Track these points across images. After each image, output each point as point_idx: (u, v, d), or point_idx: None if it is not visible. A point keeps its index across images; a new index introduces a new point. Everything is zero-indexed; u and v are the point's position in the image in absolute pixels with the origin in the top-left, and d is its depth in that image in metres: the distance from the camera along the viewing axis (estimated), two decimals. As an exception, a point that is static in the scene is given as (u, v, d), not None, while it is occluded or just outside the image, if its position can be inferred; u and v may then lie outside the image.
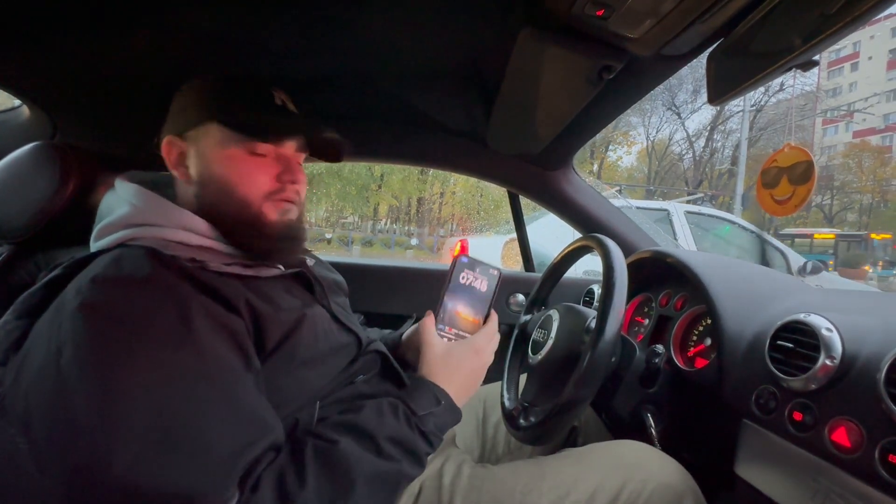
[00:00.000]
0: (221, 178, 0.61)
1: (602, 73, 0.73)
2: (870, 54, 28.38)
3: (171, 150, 0.64)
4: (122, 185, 0.63)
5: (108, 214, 0.60)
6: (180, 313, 0.49)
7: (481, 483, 0.66)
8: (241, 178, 0.61)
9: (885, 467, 0.50)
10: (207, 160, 0.62)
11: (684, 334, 0.92)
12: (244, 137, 0.61)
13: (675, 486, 0.63)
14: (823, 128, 28.45)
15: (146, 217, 0.58)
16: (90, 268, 0.52)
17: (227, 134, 0.61)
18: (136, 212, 0.59)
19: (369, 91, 1.07)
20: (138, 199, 0.60)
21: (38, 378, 0.45)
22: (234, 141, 0.61)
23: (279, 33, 0.82)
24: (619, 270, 0.69)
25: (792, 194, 0.74)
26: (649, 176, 22.73)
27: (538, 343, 0.81)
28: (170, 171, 0.65)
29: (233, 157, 0.61)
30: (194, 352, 0.48)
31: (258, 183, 0.62)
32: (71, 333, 0.46)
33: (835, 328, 0.61)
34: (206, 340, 0.49)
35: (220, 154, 0.61)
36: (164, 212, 0.59)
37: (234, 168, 0.61)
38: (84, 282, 0.50)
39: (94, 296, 0.48)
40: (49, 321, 0.49)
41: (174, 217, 0.59)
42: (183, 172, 0.63)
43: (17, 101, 1.03)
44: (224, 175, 0.61)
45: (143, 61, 0.89)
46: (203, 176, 0.62)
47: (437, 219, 19.99)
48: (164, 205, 0.60)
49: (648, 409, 0.78)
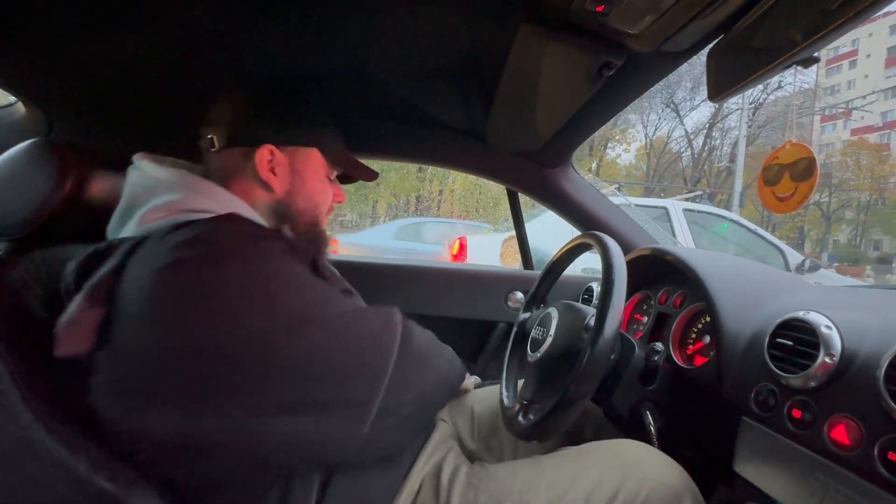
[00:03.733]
0: (310, 195, 0.73)
1: (602, 69, 0.72)
2: (868, 52, 28.38)
3: (267, 158, 0.69)
4: (152, 166, 0.63)
5: (148, 197, 0.60)
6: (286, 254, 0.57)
7: (479, 482, 0.66)
8: (324, 199, 0.76)
9: (884, 465, 0.50)
10: (303, 179, 0.72)
11: (683, 332, 0.92)
12: (335, 168, 0.77)
13: (674, 485, 0.64)
14: (821, 125, 28.48)
15: (201, 203, 0.60)
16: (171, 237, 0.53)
17: (323, 162, 0.74)
18: (190, 197, 0.60)
19: (367, 88, 1.06)
20: (189, 184, 0.62)
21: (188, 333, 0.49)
22: (326, 168, 0.75)
23: (277, 30, 0.82)
24: (618, 268, 0.69)
25: (794, 191, 0.74)
26: (648, 174, 22.74)
27: (537, 341, 0.81)
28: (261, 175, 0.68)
29: (322, 180, 0.75)
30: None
31: (328, 202, 0.77)
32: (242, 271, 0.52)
33: (834, 325, 0.61)
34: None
35: (316, 176, 0.74)
36: (220, 198, 0.62)
37: (322, 190, 0.75)
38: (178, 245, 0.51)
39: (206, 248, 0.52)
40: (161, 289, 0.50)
41: (227, 203, 0.62)
42: (272, 179, 0.69)
43: (13, 98, 1.02)
44: (313, 194, 0.73)
45: (140, 58, 0.88)
46: (293, 189, 0.71)
47: (436, 217, 19.97)
48: (216, 191, 0.63)
49: (647, 407, 0.78)
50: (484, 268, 1.51)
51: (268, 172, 0.68)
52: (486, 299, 1.40)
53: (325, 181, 0.75)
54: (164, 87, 0.99)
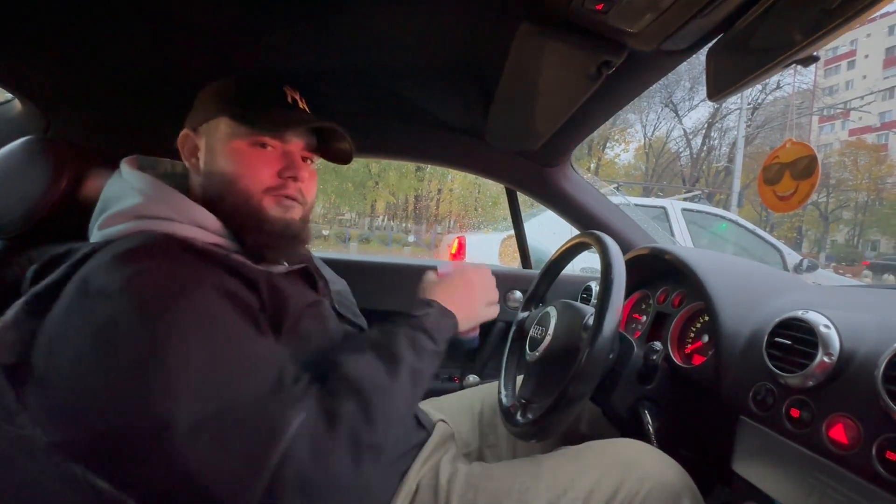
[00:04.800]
0: (225, 169, 0.62)
1: (601, 68, 0.72)
2: (867, 52, 28.46)
3: (186, 143, 0.66)
4: (130, 172, 0.62)
5: (114, 202, 0.59)
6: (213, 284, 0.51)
7: (478, 481, 0.66)
8: (244, 170, 0.62)
9: (882, 464, 0.50)
10: (214, 152, 0.63)
11: (682, 331, 0.92)
12: (248, 130, 0.62)
13: (673, 484, 0.63)
14: (819, 126, 28.53)
15: (158, 210, 0.58)
16: (108, 250, 0.51)
17: (235, 127, 0.62)
18: (148, 203, 0.58)
19: (367, 86, 1.06)
20: (151, 190, 0.59)
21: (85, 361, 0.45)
22: (240, 134, 0.62)
23: (275, 29, 0.81)
24: (617, 267, 0.69)
25: (795, 190, 0.74)
26: (647, 173, 22.76)
27: (536, 340, 0.81)
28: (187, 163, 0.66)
29: (237, 149, 0.62)
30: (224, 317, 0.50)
31: (260, 176, 0.62)
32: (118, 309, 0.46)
33: (833, 325, 0.61)
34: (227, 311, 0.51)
35: (226, 146, 0.62)
36: (177, 205, 0.59)
37: (237, 160, 0.62)
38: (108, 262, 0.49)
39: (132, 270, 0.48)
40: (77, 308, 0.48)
41: (186, 212, 0.59)
42: (194, 164, 0.65)
43: (9, 95, 1.02)
44: (228, 167, 0.62)
45: (138, 57, 0.88)
46: (210, 167, 0.63)
47: (435, 216, 19.97)
48: (176, 198, 0.60)
49: (646, 406, 0.78)
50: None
51: (188, 156, 0.66)
52: None
53: (246, 149, 0.62)
54: (161, 85, 0.99)
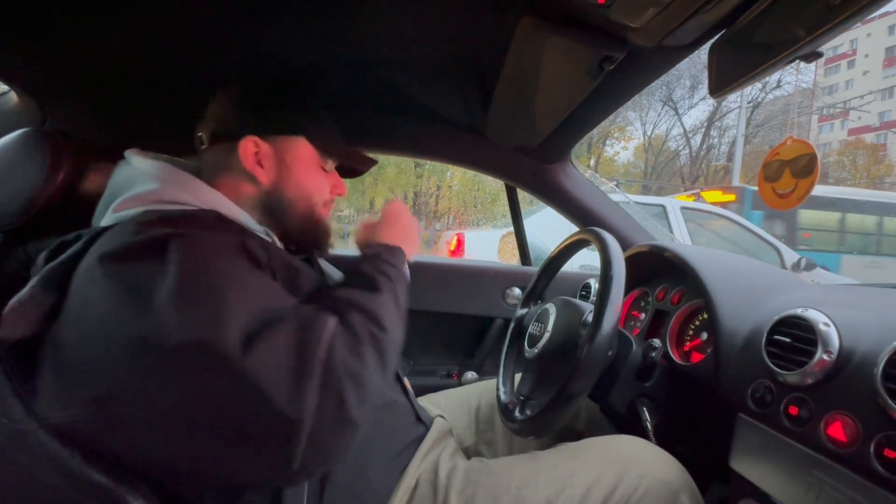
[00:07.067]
0: (300, 185, 0.70)
1: (602, 63, 0.72)
2: (867, 52, 28.44)
3: (252, 149, 0.67)
4: (140, 160, 0.62)
5: (126, 188, 0.59)
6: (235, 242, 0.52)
7: (477, 477, 0.66)
8: (315, 188, 0.72)
9: (880, 462, 0.50)
10: (289, 169, 0.69)
11: (681, 329, 0.92)
12: (324, 156, 0.73)
13: (671, 481, 0.64)
14: (819, 125, 28.55)
15: (176, 194, 0.58)
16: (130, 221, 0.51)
17: (312, 150, 0.71)
18: (166, 187, 0.58)
19: (366, 81, 1.05)
20: (167, 176, 0.59)
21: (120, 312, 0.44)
22: (316, 158, 0.72)
23: (275, 23, 0.81)
24: (616, 264, 0.69)
25: (794, 187, 0.74)
26: (646, 171, 22.75)
27: (535, 337, 0.81)
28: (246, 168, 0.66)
29: (313, 171, 0.72)
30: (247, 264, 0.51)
31: (323, 194, 0.74)
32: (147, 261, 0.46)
33: (832, 323, 0.61)
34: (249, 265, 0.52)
35: (305, 168, 0.71)
36: (195, 190, 0.60)
37: (311, 179, 0.71)
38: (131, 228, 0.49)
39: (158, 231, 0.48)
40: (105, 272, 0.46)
41: (205, 196, 0.60)
42: (261, 173, 0.67)
43: (6, 87, 1.01)
44: (302, 184, 0.70)
45: (136, 50, 0.87)
46: (281, 181, 0.69)
47: (434, 212, 19.95)
48: (195, 183, 0.61)
49: (644, 403, 0.78)
50: (482, 263, 1.51)
51: (254, 164, 0.67)
52: (483, 295, 1.40)
53: (316, 171, 0.72)
54: (160, 79, 0.98)
